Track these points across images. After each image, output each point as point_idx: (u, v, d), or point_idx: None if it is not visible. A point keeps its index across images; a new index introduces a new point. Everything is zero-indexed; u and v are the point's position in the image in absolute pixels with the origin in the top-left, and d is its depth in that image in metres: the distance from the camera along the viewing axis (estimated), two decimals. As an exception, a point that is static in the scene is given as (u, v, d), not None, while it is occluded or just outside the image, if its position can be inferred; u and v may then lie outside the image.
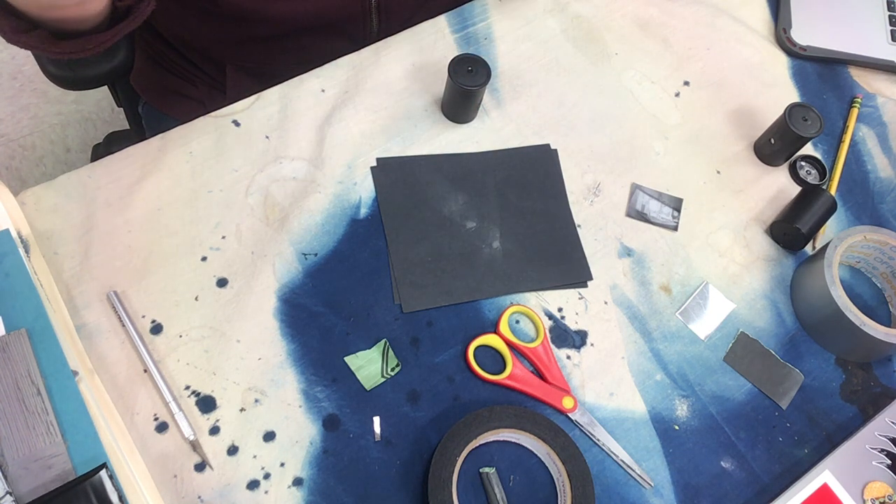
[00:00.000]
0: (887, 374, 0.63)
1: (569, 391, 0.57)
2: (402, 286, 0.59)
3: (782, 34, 0.79)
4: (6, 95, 1.54)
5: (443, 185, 0.64)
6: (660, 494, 0.55)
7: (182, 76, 0.82)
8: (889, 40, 0.80)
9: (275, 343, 0.56)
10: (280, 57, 0.75)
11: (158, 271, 0.57)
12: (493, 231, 0.63)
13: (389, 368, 0.56)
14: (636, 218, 0.66)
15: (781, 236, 0.66)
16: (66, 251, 0.56)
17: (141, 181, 0.60)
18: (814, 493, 0.55)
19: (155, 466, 0.51)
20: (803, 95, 0.77)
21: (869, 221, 0.70)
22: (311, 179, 0.63)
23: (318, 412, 0.54)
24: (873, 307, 0.66)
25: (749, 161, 0.71)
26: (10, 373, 0.49)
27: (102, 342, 0.54)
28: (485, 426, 0.53)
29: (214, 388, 0.54)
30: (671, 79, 0.74)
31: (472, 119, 0.68)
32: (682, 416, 0.58)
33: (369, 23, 0.73)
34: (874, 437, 0.57)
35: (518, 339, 0.59)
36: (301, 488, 0.52)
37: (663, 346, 0.61)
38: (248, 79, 0.77)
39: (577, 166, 0.68)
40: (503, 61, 0.72)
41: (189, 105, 0.83)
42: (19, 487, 0.46)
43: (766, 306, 0.64)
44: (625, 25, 0.77)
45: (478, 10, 0.74)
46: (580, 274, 0.62)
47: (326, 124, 0.66)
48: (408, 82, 0.69)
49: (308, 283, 0.58)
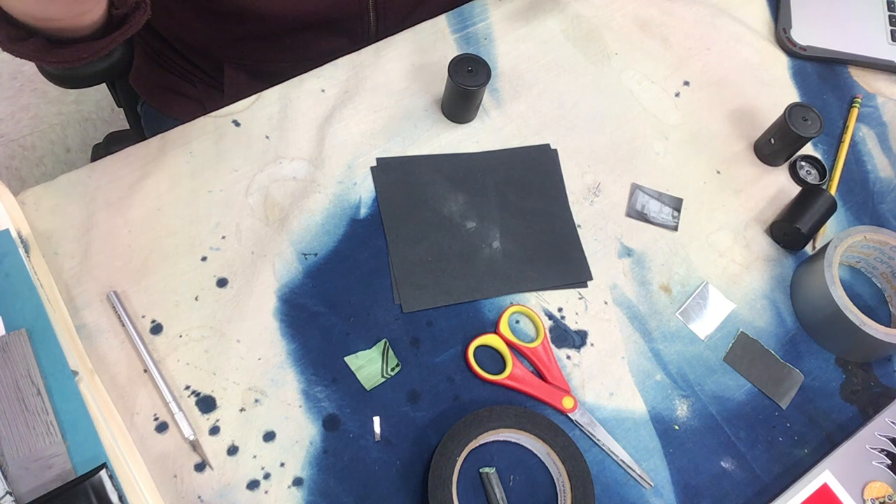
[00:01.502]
0: (887, 374, 0.63)
1: (569, 391, 0.57)
2: (402, 286, 0.59)
3: (782, 34, 0.79)
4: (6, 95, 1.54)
5: (443, 185, 0.64)
6: (660, 494, 0.55)
7: (180, 75, 0.82)
8: (889, 40, 0.80)
9: (275, 343, 0.56)
10: (278, 55, 0.75)
11: (158, 271, 0.57)
12: (493, 231, 0.63)
13: (389, 368, 0.56)
14: (636, 218, 0.66)
15: (781, 236, 0.66)
16: (66, 251, 0.56)
17: (141, 181, 0.60)
18: (814, 493, 0.55)
19: (155, 466, 0.51)
20: (803, 95, 0.77)
21: (869, 221, 0.70)
22: (311, 179, 0.63)
23: (318, 412, 0.54)
24: (873, 307, 0.66)
25: (749, 161, 0.71)
26: (10, 373, 0.49)
27: (102, 342, 0.54)
28: (485, 426, 0.53)
29: (214, 388, 0.54)
30: (671, 79, 0.74)
31: (472, 119, 0.68)
32: (682, 416, 0.58)
33: (367, 20, 0.73)
34: (874, 437, 0.57)
35: (518, 339, 0.59)
36: (301, 488, 0.52)
37: (663, 346, 0.61)
38: (246, 77, 0.77)
39: (577, 166, 0.68)
40: (503, 61, 0.72)
41: (187, 104, 0.83)
42: (19, 487, 0.46)
43: (766, 306, 0.64)
44: (625, 25, 0.77)
45: (478, 10, 0.74)
46: (580, 274, 0.62)
47: (326, 124, 0.66)
48: (408, 82, 0.69)
49: (308, 283, 0.58)
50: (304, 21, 0.70)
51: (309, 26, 0.71)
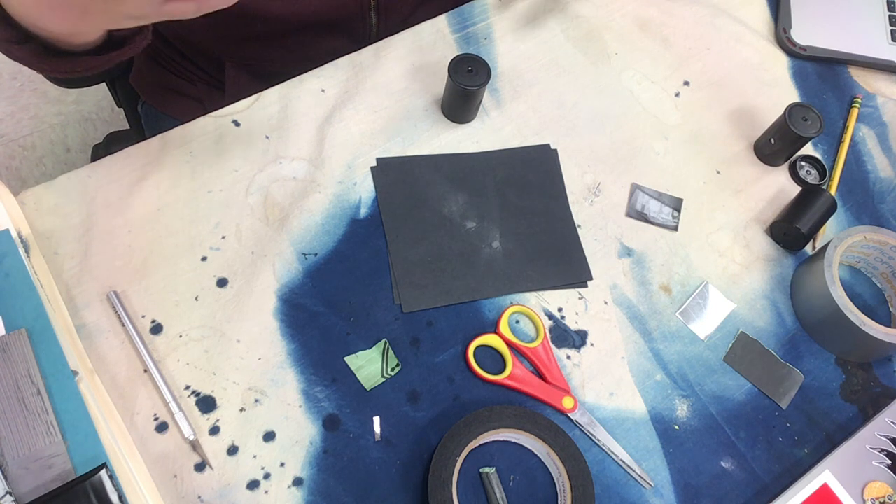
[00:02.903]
0: (887, 374, 0.63)
1: (569, 391, 0.57)
2: (402, 286, 0.59)
3: (782, 34, 0.79)
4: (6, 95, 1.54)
5: (443, 185, 0.64)
6: (660, 494, 0.55)
7: (180, 74, 0.82)
8: (889, 40, 0.80)
9: (275, 343, 0.56)
10: (280, 55, 0.75)
11: (158, 271, 0.57)
12: (493, 231, 0.63)
13: (389, 368, 0.56)
14: (636, 218, 0.66)
15: (781, 236, 0.66)
16: (66, 251, 0.56)
17: (141, 181, 0.60)
18: (814, 493, 0.55)
19: (155, 466, 0.51)
20: (803, 95, 0.77)
21: (869, 221, 0.70)
22: (311, 179, 0.63)
23: (318, 412, 0.54)
24: (873, 307, 0.66)
25: (749, 161, 0.71)
26: (10, 373, 0.49)
27: (102, 342, 0.54)
28: (485, 426, 0.53)
29: (214, 388, 0.54)
30: (671, 79, 0.74)
31: (472, 119, 0.68)
32: (682, 416, 0.58)
33: (368, 21, 0.73)
34: (874, 437, 0.57)
35: (518, 339, 0.59)
36: (301, 488, 0.52)
37: (663, 346, 0.61)
38: (248, 77, 0.77)
39: (577, 166, 0.68)
40: (503, 61, 0.72)
41: (188, 104, 0.83)
42: (19, 487, 0.46)
43: (766, 306, 0.64)
44: (625, 25, 0.77)
45: (478, 10, 0.74)
46: (580, 274, 0.62)
47: (326, 124, 0.66)
48: (408, 82, 0.69)
49: (308, 283, 0.58)
50: (306, 22, 0.70)
51: (310, 27, 0.71)
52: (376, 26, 0.74)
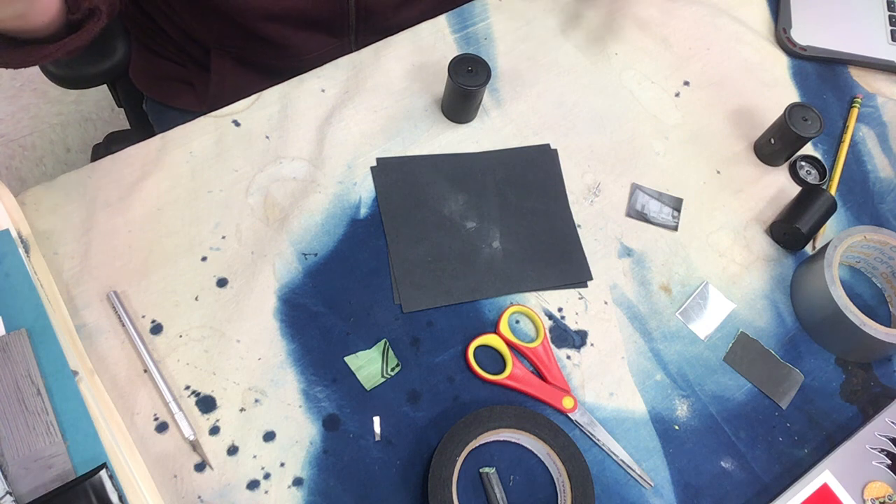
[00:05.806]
0: (887, 374, 0.63)
1: (569, 391, 0.57)
2: (402, 286, 0.59)
3: (782, 34, 0.79)
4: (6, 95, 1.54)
5: (443, 185, 0.64)
6: (660, 494, 0.55)
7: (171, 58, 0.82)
8: (889, 40, 0.80)
9: (275, 343, 0.56)
10: (261, 47, 0.75)
11: (158, 271, 0.57)
12: (493, 231, 0.63)
13: (389, 368, 0.56)
14: (636, 218, 0.66)
15: (781, 236, 0.66)
16: (66, 251, 0.56)
17: (141, 181, 0.60)
18: (814, 493, 0.55)
19: (155, 466, 0.51)
20: (803, 95, 0.77)
21: (869, 221, 0.70)
22: (311, 179, 0.63)
23: (318, 412, 0.54)
24: (873, 307, 0.66)
25: (749, 161, 0.71)
26: (10, 373, 0.49)
27: (102, 342, 0.54)
28: (485, 426, 0.53)
29: (214, 388, 0.54)
30: (671, 79, 0.74)
31: (472, 119, 0.68)
32: (682, 416, 0.58)
33: (347, 18, 0.73)
34: (874, 437, 0.57)
35: (518, 339, 0.59)
36: (301, 488, 0.52)
37: (663, 346, 0.61)
38: (232, 63, 0.77)
39: (577, 166, 0.68)
40: (503, 61, 0.72)
41: (183, 90, 0.82)
42: (19, 487, 0.46)
43: (766, 306, 0.64)
44: (625, 25, 0.77)
45: (478, 10, 0.74)
46: (580, 274, 0.62)
47: (326, 124, 0.66)
48: (408, 82, 0.69)
49: (308, 283, 0.58)
50: (281, 16, 0.70)
51: (287, 21, 0.71)
52: (355, 23, 0.74)
